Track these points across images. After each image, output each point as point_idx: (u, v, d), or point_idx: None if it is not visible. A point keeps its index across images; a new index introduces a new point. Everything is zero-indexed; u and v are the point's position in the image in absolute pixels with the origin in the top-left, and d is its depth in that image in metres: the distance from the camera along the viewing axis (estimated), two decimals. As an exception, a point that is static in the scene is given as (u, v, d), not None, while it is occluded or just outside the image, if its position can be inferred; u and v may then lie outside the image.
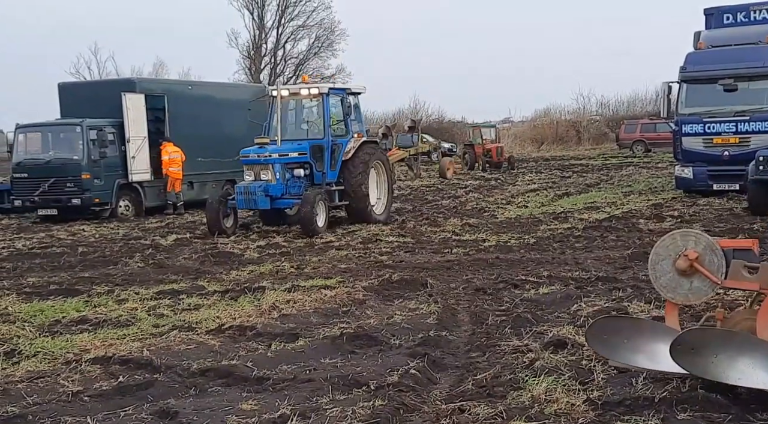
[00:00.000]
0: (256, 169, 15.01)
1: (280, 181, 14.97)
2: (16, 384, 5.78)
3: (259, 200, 14.76)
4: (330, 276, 9.96)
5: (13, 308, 8.51)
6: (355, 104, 16.46)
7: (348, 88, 16.54)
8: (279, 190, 15.00)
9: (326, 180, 15.57)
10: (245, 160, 15.22)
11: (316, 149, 15.51)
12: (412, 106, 59.03)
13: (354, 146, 15.82)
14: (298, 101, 16.22)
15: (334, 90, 15.98)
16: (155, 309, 8.35)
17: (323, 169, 15.55)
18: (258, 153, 14.99)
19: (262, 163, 14.94)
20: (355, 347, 6.58)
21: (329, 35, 53.03)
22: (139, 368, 6.12)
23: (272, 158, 14.89)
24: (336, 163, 15.67)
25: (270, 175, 14.88)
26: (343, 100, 15.90)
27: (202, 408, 5.21)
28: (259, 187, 14.75)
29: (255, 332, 7.16)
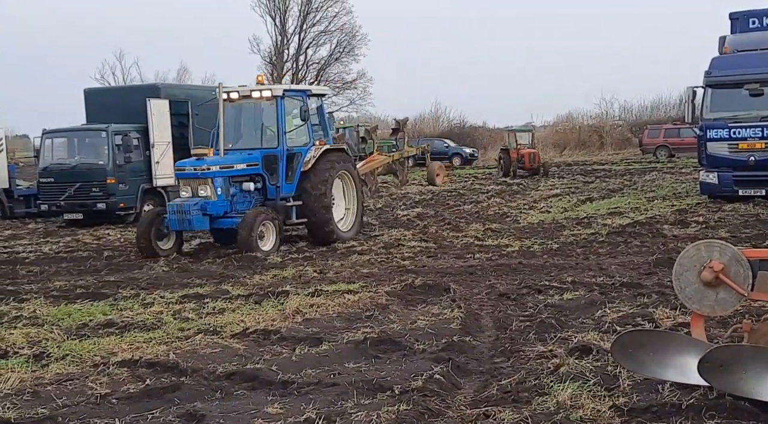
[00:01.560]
0: (193, 184, 13.11)
1: (222, 198, 13.12)
2: (46, 386, 5.87)
3: (194, 220, 12.84)
4: (353, 281, 10.00)
5: (42, 311, 8.63)
6: (319, 107, 14.87)
7: (309, 89, 14.84)
8: (221, 207, 13.14)
9: (281, 194, 13.87)
10: (179, 174, 13.51)
11: (269, 160, 13.78)
12: (434, 111, 59.05)
13: (314, 155, 13.99)
14: (255, 106, 14.35)
15: (291, 92, 14.25)
16: (180, 313, 8.43)
17: (277, 182, 13.83)
18: (195, 166, 13.16)
19: (199, 177, 13.05)
20: (379, 351, 6.61)
21: (350, 40, 53.17)
22: (166, 371, 6.19)
23: (211, 172, 13.04)
24: (294, 174, 13.92)
25: (209, 191, 13.00)
26: (303, 103, 13.94)
27: (228, 411, 5.25)
28: (195, 205, 12.83)
29: (279, 336, 7.21)
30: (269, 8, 52.29)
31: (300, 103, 13.99)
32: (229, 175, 13.33)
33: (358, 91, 53.52)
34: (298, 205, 13.92)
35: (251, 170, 13.66)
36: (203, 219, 12.95)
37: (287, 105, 13.94)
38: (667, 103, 56.59)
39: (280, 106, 13.77)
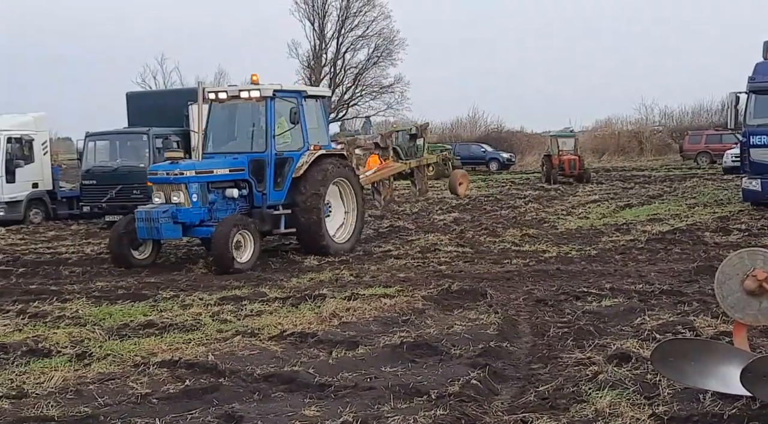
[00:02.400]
0: (166, 189, 12.19)
1: (197, 205, 12.16)
2: (88, 385, 5.97)
3: (163, 228, 11.89)
4: (389, 285, 10.01)
5: (84, 312, 8.78)
6: (318, 110, 13.88)
7: (304, 90, 13.75)
8: (195, 215, 12.16)
9: (267, 202, 12.87)
10: (152, 179, 12.57)
11: (256, 165, 12.80)
12: (471, 115, 58.89)
13: (307, 161, 13.04)
14: (245, 107, 13.36)
15: (283, 93, 13.11)
16: (219, 314, 8.51)
17: (264, 189, 12.83)
18: (167, 170, 12.26)
19: (171, 182, 12.14)
20: (416, 356, 6.61)
21: (388, 45, 53.27)
22: (205, 372, 6.26)
23: (185, 177, 12.10)
24: (284, 181, 12.97)
25: (182, 197, 12.05)
26: (294, 105, 12.87)
27: (265, 413, 5.30)
28: (164, 213, 11.92)
29: (316, 339, 7.25)
30: (308, 13, 52.65)
31: (291, 104, 12.99)
32: (208, 181, 12.38)
33: (395, 96, 53.62)
34: (287, 213, 12.96)
35: (236, 176, 12.72)
36: (175, 227, 12.00)
37: (281, 107, 12.95)
38: (708, 109, 55.82)
39: (269, 107, 12.81)
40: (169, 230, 11.99)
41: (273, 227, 12.98)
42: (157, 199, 12.27)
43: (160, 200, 12.23)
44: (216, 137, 13.46)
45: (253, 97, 12.94)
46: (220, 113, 13.45)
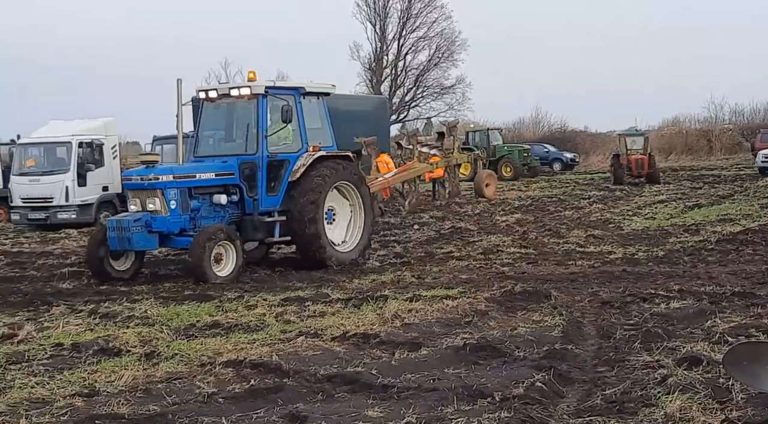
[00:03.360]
0: (142, 196, 11.35)
1: (176, 212, 11.29)
2: (157, 384, 6.10)
3: (135, 238, 11.01)
4: (451, 286, 9.96)
5: (152, 312, 8.97)
6: (321, 108, 12.93)
7: (302, 86, 12.60)
8: (174, 224, 11.31)
9: (260, 208, 11.97)
10: (126, 185, 11.83)
11: (248, 168, 11.92)
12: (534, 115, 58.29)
13: (304, 163, 12.05)
14: (237, 106, 12.50)
15: (277, 90, 12.14)
16: (282, 315, 8.60)
17: (255, 194, 11.95)
18: (141, 176, 11.42)
19: (146, 188, 11.29)
20: (479, 357, 6.57)
21: (449, 46, 53.11)
22: (269, 372, 6.32)
23: (161, 182, 11.25)
24: (279, 185, 12.05)
25: (158, 204, 11.19)
26: (286, 103, 11.79)
27: (329, 413, 5.32)
28: (136, 221, 11.04)
29: (378, 340, 7.26)
30: (369, 15, 52.89)
31: (292, 102, 12.11)
32: (190, 186, 11.51)
33: (456, 96, 53.41)
34: (282, 220, 12.05)
35: (224, 180, 11.83)
36: (149, 237, 11.14)
37: (279, 105, 11.89)
38: (781, 106, 53.97)
39: (261, 106, 11.90)
40: (143, 240, 11.11)
41: (266, 236, 12.02)
42: (133, 206, 11.44)
43: (135, 208, 11.37)
44: (208, 139, 12.77)
45: (244, 96, 12.04)
46: (213, 113, 12.71)
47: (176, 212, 11.32)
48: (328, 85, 13.13)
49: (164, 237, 11.36)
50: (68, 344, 7.44)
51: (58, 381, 6.24)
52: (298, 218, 11.93)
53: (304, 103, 12.47)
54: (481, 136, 37.32)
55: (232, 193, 11.94)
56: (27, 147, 21.59)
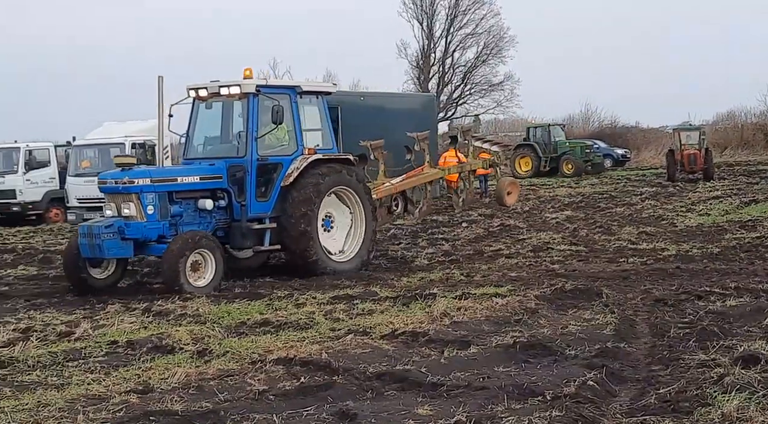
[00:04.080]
0: (117, 200, 10.73)
1: (154, 218, 10.64)
2: (209, 381, 6.18)
3: (106, 246, 10.29)
4: (500, 284, 9.90)
5: (203, 310, 9.09)
6: (320, 108, 12.21)
7: (297, 85, 11.95)
8: (151, 230, 10.62)
9: (248, 214, 11.27)
10: (101, 188, 11.15)
11: (237, 172, 11.29)
12: (584, 111, 57.54)
13: (298, 167, 11.38)
14: (229, 105, 11.91)
15: (270, 89, 11.54)
16: (331, 313, 8.64)
17: (244, 200, 11.27)
18: (116, 179, 10.78)
19: (121, 192, 10.69)
20: (529, 356, 6.52)
21: (498, 42, 52.67)
22: (319, 369, 6.36)
23: (137, 186, 10.61)
24: (271, 190, 11.41)
25: (134, 209, 10.54)
26: (276, 103, 11.15)
27: (379, 411, 5.33)
28: (108, 228, 10.36)
29: (427, 339, 7.25)
30: (416, 13, 52.73)
31: (287, 102, 11.54)
32: (170, 190, 10.89)
33: (505, 93, 52.98)
34: (272, 227, 11.42)
35: (211, 184, 11.20)
36: (123, 245, 10.45)
37: (269, 105, 11.24)
38: (844, 98, 52.30)
39: (252, 105, 11.28)
40: (115, 247, 10.41)
41: (255, 243, 11.37)
42: (109, 211, 10.85)
43: (111, 213, 10.76)
44: (199, 140, 12.12)
45: (234, 94, 11.42)
46: (205, 114, 12.04)
47: (154, 217, 10.66)
48: (327, 84, 12.71)
49: (140, 244, 10.68)
50: (123, 342, 7.59)
51: (114, 378, 6.37)
52: (289, 225, 11.27)
53: (300, 103, 11.84)
54: (542, 132, 36.54)
55: (219, 198, 11.28)
56: (82, 148, 22.07)
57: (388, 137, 22.50)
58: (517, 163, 35.62)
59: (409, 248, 14.28)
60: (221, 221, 11.33)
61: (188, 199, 11.12)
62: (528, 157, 35.59)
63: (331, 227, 12.01)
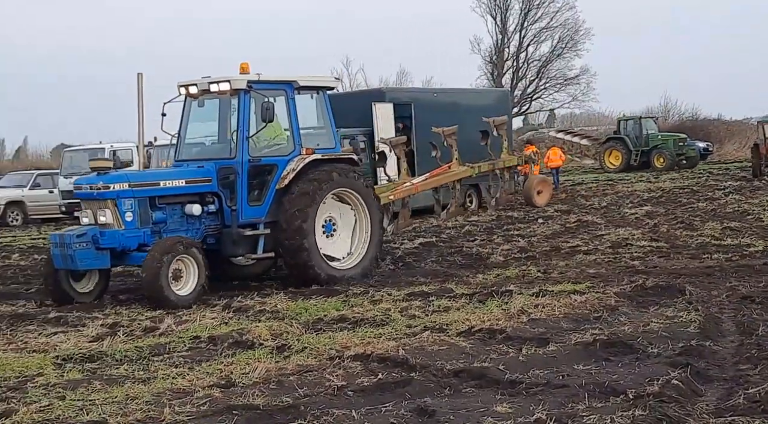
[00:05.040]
0: (93, 207, 10.03)
1: (133, 225, 9.94)
2: (288, 376, 6.27)
3: (79, 256, 9.62)
4: (579, 281, 9.76)
5: (281, 306, 9.24)
6: (319, 104, 11.43)
7: (294, 80, 11.05)
8: (130, 238, 9.92)
9: (240, 219, 10.55)
10: (77, 194, 10.49)
11: (228, 174, 10.63)
12: (663, 104, 56.10)
13: (294, 168, 10.62)
14: (221, 103, 11.19)
15: (263, 85, 10.73)
16: (407, 310, 8.66)
17: (234, 204, 10.55)
18: (91, 184, 10.08)
19: (96, 198, 9.98)
20: (610, 354, 6.41)
21: (573, 35, 51.85)
22: (396, 366, 6.39)
23: (113, 191, 9.88)
24: (265, 193, 10.70)
25: (110, 216, 9.83)
26: (266, 100, 10.45)
27: (457, 408, 5.32)
28: (80, 237, 9.69)
29: (505, 336, 7.19)
30: (490, 8, 52.37)
31: (283, 98, 10.94)
32: (151, 195, 10.20)
33: (580, 87, 52.12)
34: (266, 233, 10.63)
35: (199, 188, 10.51)
36: (97, 255, 9.78)
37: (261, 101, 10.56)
38: None
39: (243, 103, 10.58)
40: (89, 257, 9.74)
41: (247, 251, 10.67)
42: (85, 219, 10.13)
43: (88, 221, 10.06)
44: (191, 141, 11.47)
45: (225, 91, 10.70)
46: (197, 112, 11.37)
47: (133, 224, 9.95)
48: (329, 78, 11.68)
49: (118, 254, 9.99)
50: (205, 337, 7.78)
51: (197, 372, 6.52)
52: (283, 232, 10.48)
53: (299, 99, 11.08)
54: (633, 124, 35.51)
55: (208, 203, 10.60)
56: (163, 149, 22.69)
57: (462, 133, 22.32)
58: (606, 157, 34.81)
59: (484, 244, 14.18)
60: (211, 228, 10.65)
61: (173, 204, 10.42)
62: (618, 151, 34.61)
63: (333, 231, 11.23)
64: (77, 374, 6.72)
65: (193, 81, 10.98)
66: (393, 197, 13.27)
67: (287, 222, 10.50)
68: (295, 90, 11.03)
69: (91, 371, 6.84)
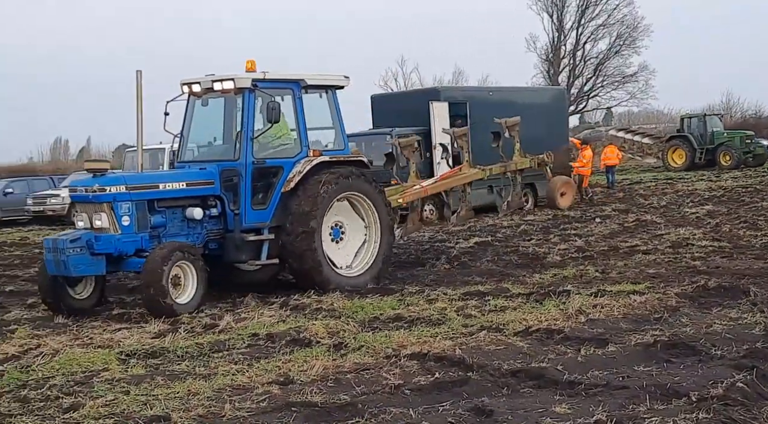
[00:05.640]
0: (89, 211, 9.58)
1: (130, 230, 9.47)
2: (345, 374, 6.32)
3: (72, 262, 9.10)
4: (638, 281, 9.61)
5: (338, 305, 9.31)
6: (330, 104, 10.98)
7: (301, 79, 10.58)
8: (126, 243, 9.44)
9: (243, 224, 10.07)
10: (73, 197, 10.19)
11: (231, 177, 10.14)
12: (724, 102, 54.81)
13: (301, 170, 10.21)
14: (227, 101, 10.79)
15: (268, 83, 10.25)
16: (463, 309, 8.63)
17: (237, 208, 10.08)
18: (86, 186, 9.59)
19: (91, 201, 9.52)
20: (671, 355, 6.31)
21: (631, 32, 51.00)
22: (453, 365, 6.38)
23: (110, 194, 9.41)
24: (270, 197, 10.25)
25: (106, 220, 9.38)
26: (272, 99, 10.01)
27: (515, 408, 5.30)
28: (74, 242, 9.17)
29: (563, 336, 7.13)
30: (546, 5, 51.87)
31: (290, 98, 10.51)
32: (150, 199, 9.73)
33: (639, 85, 51.24)
34: (270, 239, 10.21)
35: (201, 191, 10.06)
36: (92, 261, 9.25)
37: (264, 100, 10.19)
38: None
39: (247, 102, 10.14)
40: (83, 263, 9.20)
41: (251, 257, 10.21)
42: (81, 222, 9.68)
43: (83, 225, 9.62)
44: (194, 142, 11.13)
45: (228, 90, 10.26)
46: (201, 112, 10.95)
47: (130, 229, 9.48)
48: (338, 76, 11.04)
49: (114, 259, 9.49)
50: (263, 334, 7.88)
51: (256, 369, 6.62)
52: (289, 238, 10.09)
53: (306, 99, 10.67)
54: (697, 122, 34.67)
55: (210, 207, 10.16)
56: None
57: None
58: (670, 156, 34.10)
59: (541, 243, 14.06)
60: (213, 232, 10.21)
61: (173, 207, 9.96)
62: (681, 150, 33.76)
63: (341, 237, 10.81)
64: (140, 369, 6.90)
65: (196, 79, 10.55)
66: (402, 201, 12.70)
67: (293, 226, 10.10)
68: (303, 89, 10.63)
69: (153, 366, 7.01)
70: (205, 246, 10.14)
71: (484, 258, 12.79)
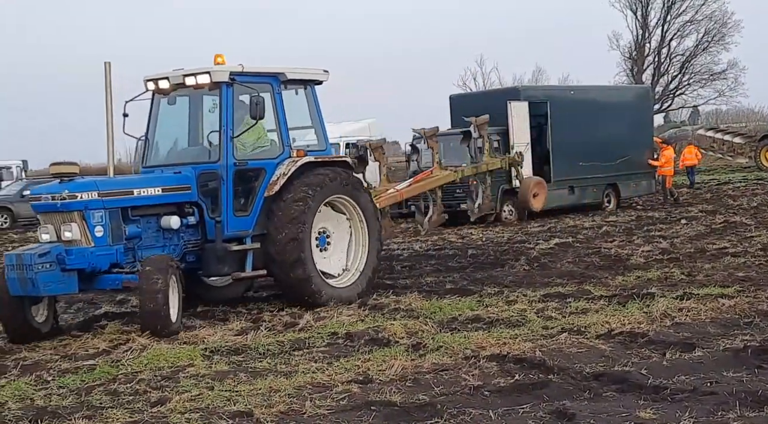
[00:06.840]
0: (56, 221, 8.52)
1: (104, 242, 8.51)
2: (424, 375, 6.31)
3: (42, 280, 8.03)
4: (727, 285, 9.29)
5: (416, 305, 9.31)
6: (309, 100, 10.26)
7: (281, 73, 9.77)
8: (101, 257, 8.48)
9: (225, 233, 9.27)
10: (34, 206, 8.79)
11: (209, 180, 9.35)
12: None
13: (285, 173, 9.43)
14: (199, 99, 9.98)
15: (246, 77, 9.48)
16: (543, 311, 8.52)
17: (218, 215, 9.28)
18: (53, 193, 8.53)
19: (59, 210, 8.47)
20: (763, 361, 6.09)
21: (720, 28, 49.38)
22: (533, 367, 6.31)
23: (81, 202, 8.45)
24: (252, 202, 9.48)
25: (78, 231, 8.40)
26: (256, 94, 9.21)
27: (598, 412, 5.19)
28: (43, 256, 8.12)
29: (647, 340, 6.96)
30: (630, 2, 50.75)
31: (269, 93, 9.67)
32: (124, 206, 8.82)
33: (727, 82, 49.59)
34: (255, 248, 9.43)
35: (177, 197, 9.21)
36: (63, 277, 8.20)
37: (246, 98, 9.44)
38: None
39: (225, 98, 9.32)
40: (54, 281, 8.14)
41: (235, 269, 9.38)
42: (45, 235, 8.57)
43: (48, 237, 8.53)
44: (161, 144, 10.15)
45: (203, 85, 9.43)
46: (169, 110, 10.06)
47: (104, 241, 8.52)
48: (318, 70, 10.28)
49: (87, 276, 8.49)
50: (342, 334, 7.95)
51: (336, 368, 6.68)
52: (275, 247, 9.27)
53: (286, 94, 9.92)
54: None
55: (187, 214, 9.34)
56: None
57: (601, 132, 21.74)
58: (763, 155, 32.93)
59: (623, 245, 13.75)
60: (191, 243, 9.39)
61: (148, 216, 9.09)
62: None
63: (327, 245, 10.04)
64: (224, 365, 7.05)
65: (163, 74, 9.70)
66: (379, 205, 11.80)
67: (279, 238, 9.25)
68: (282, 84, 9.83)
69: (236, 363, 7.16)
70: (182, 258, 9.24)
71: (564, 259, 12.59)
